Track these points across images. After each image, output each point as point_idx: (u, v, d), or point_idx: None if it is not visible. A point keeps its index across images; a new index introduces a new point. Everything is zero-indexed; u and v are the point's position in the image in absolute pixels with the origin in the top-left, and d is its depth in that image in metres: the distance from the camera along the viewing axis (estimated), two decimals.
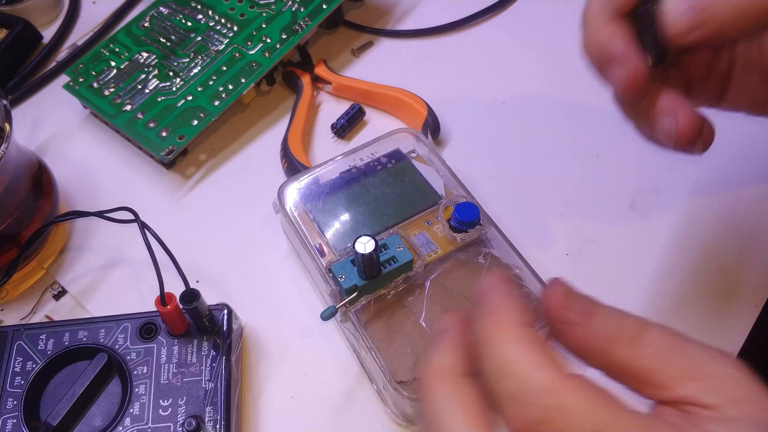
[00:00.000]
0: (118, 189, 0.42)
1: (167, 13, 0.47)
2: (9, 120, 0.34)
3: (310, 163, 0.40)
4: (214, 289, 0.37)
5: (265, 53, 0.43)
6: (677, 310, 0.35)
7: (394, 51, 0.47)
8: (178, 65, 0.44)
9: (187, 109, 0.41)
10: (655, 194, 0.39)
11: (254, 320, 0.36)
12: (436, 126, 0.41)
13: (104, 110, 0.42)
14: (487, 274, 0.25)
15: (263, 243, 0.39)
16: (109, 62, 0.44)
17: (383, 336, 0.31)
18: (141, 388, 0.31)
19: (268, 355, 0.35)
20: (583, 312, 0.22)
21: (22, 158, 0.37)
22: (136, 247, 0.38)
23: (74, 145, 0.44)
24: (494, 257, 0.33)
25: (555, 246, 0.38)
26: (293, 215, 0.34)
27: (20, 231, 0.36)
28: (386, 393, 0.31)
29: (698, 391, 0.20)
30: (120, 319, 0.33)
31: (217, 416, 0.30)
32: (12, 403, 0.30)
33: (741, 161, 0.40)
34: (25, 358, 0.32)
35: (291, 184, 0.35)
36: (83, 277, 0.38)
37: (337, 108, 0.44)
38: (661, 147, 0.26)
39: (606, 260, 0.37)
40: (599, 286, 0.36)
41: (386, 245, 0.31)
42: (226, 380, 0.31)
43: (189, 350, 0.32)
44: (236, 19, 0.45)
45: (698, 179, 0.40)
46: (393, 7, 0.50)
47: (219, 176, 0.42)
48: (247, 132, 0.44)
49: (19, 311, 0.37)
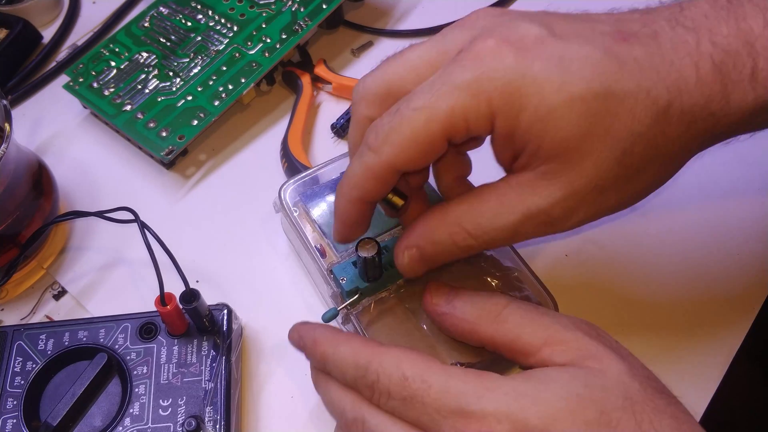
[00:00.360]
0: (118, 189, 0.42)
1: (167, 13, 0.47)
2: (9, 120, 0.34)
3: (310, 162, 0.40)
4: (214, 289, 0.37)
5: (265, 53, 0.43)
6: (676, 311, 0.35)
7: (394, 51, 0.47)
8: (178, 65, 0.44)
9: (187, 109, 0.41)
10: (654, 195, 0.39)
11: (254, 320, 0.36)
12: None
13: (104, 110, 0.42)
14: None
15: (263, 243, 0.39)
16: (109, 62, 0.44)
17: (384, 338, 0.31)
18: (141, 388, 0.31)
19: (268, 355, 0.35)
20: (447, 303, 0.28)
21: (22, 158, 0.37)
22: (136, 247, 0.38)
23: (74, 145, 0.44)
24: (495, 260, 0.33)
25: (554, 247, 0.38)
26: (294, 215, 0.34)
27: (20, 231, 0.36)
28: None
29: (551, 355, 0.24)
30: (120, 319, 0.33)
31: (217, 416, 0.30)
32: (12, 403, 0.30)
33: (740, 164, 0.40)
34: (25, 358, 0.32)
35: (292, 184, 0.35)
36: (83, 277, 0.38)
37: (337, 108, 0.44)
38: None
39: (605, 261, 0.37)
40: (598, 287, 0.36)
41: (388, 247, 0.31)
42: (226, 380, 0.31)
43: (189, 350, 0.32)
44: (236, 19, 0.45)
45: (698, 181, 0.40)
46: (393, 7, 0.50)
47: (219, 176, 0.42)
48: (247, 132, 0.44)
49: (19, 311, 0.37)
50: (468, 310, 0.27)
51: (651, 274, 0.36)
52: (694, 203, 0.39)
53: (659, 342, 0.34)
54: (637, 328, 0.35)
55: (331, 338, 0.27)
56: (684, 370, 0.33)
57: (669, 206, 0.39)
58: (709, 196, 0.39)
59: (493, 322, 0.26)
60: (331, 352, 0.26)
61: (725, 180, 0.40)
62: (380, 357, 0.25)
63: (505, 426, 0.22)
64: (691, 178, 0.40)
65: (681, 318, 0.35)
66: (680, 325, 0.35)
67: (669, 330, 0.35)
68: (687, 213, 0.39)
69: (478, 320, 0.27)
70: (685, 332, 0.35)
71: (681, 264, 0.37)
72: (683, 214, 0.39)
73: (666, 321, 0.35)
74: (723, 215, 0.38)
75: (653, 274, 0.36)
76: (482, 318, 0.26)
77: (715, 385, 0.33)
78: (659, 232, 0.38)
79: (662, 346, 0.34)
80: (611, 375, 0.23)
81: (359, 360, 0.25)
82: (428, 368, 0.24)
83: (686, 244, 0.37)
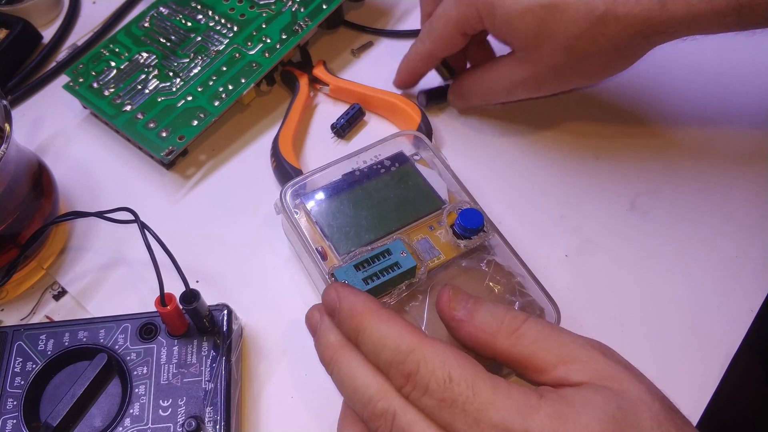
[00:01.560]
0: (118, 189, 0.42)
1: (167, 13, 0.47)
2: (9, 120, 0.34)
3: (299, 163, 0.40)
4: (214, 290, 0.37)
5: (265, 53, 0.43)
6: (675, 312, 0.35)
7: (394, 51, 0.47)
8: (178, 65, 0.44)
9: (187, 110, 0.41)
10: (654, 196, 0.39)
11: (254, 321, 0.36)
12: (429, 132, 0.41)
13: (104, 110, 0.42)
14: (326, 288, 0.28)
15: (264, 244, 0.39)
16: (109, 62, 0.44)
17: None
18: (141, 389, 0.31)
19: (268, 355, 0.35)
20: (467, 310, 0.27)
21: (22, 158, 0.37)
22: (136, 247, 0.38)
23: (74, 146, 0.44)
24: (497, 264, 0.33)
25: (554, 247, 0.38)
26: (295, 217, 0.34)
27: (20, 231, 0.36)
28: None
29: (568, 373, 0.24)
30: (120, 320, 0.33)
31: (217, 417, 0.30)
32: (12, 404, 0.30)
33: (739, 164, 0.40)
34: (25, 359, 0.32)
35: (293, 186, 0.35)
36: (83, 278, 0.38)
37: (335, 110, 0.44)
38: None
39: (605, 261, 0.37)
40: (598, 287, 0.36)
41: (389, 250, 0.31)
42: (226, 381, 0.31)
43: (189, 351, 0.32)
44: (236, 20, 0.45)
45: (697, 181, 0.40)
46: (393, 7, 0.50)
47: (219, 177, 0.42)
48: (248, 132, 0.44)
49: (19, 311, 0.37)
50: (487, 321, 0.26)
51: (651, 274, 0.36)
52: (693, 205, 0.39)
53: (659, 342, 0.34)
54: (636, 328, 0.35)
55: (374, 311, 0.25)
56: (684, 370, 0.33)
57: (668, 207, 0.39)
58: (709, 198, 0.39)
59: (511, 335, 0.25)
60: (370, 326, 0.25)
61: (725, 179, 0.40)
62: (425, 348, 0.24)
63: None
64: (690, 179, 0.40)
65: (678, 319, 0.35)
66: (678, 327, 0.35)
67: (668, 330, 0.35)
68: (687, 213, 0.39)
69: (497, 333, 0.26)
70: (683, 334, 0.35)
71: (681, 264, 0.37)
72: (682, 216, 0.39)
73: (663, 322, 0.35)
74: (722, 217, 0.38)
75: (653, 274, 0.36)
76: (501, 331, 0.26)
77: (715, 385, 0.33)
78: (658, 233, 0.38)
79: (662, 346, 0.34)
80: (633, 396, 0.23)
81: (401, 345, 0.24)
82: (475, 374, 0.23)
83: (685, 246, 0.37)
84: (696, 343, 0.34)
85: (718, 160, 0.40)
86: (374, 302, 0.26)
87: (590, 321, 0.35)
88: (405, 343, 0.24)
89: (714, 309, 0.35)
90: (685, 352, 0.34)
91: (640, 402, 0.23)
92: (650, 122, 0.43)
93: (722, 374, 0.33)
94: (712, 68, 0.45)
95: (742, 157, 0.40)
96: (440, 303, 0.28)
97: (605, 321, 0.35)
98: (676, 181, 0.40)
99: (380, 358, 0.24)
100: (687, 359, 0.34)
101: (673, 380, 0.33)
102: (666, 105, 0.44)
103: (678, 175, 0.40)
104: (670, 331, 0.35)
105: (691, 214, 0.39)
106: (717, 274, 0.36)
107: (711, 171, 0.40)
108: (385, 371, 0.24)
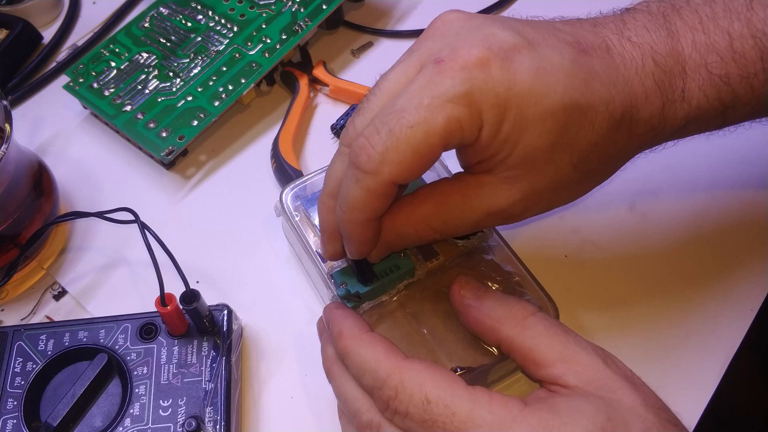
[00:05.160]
0: (118, 189, 0.42)
1: (167, 13, 0.47)
2: (9, 120, 0.34)
3: (299, 164, 0.40)
4: (214, 290, 0.37)
5: (265, 54, 0.43)
6: (674, 312, 0.35)
7: (394, 51, 0.47)
8: (178, 66, 0.44)
9: (187, 110, 0.41)
10: (653, 196, 0.39)
11: (254, 321, 0.36)
12: None
13: (104, 111, 0.42)
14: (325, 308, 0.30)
15: (264, 244, 0.39)
16: (109, 63, 0.44)
17: None
18: (141, 389, 0.31)
19: (268, 355, 0.35)
20: (476, 297, 0.28)
21: (22, 159, 0.37)
22: (136, 247, 0.38)
23: (74, 146, 0.44)
24: (495, 264, 0.33)
25: (554, 247, 0.38)
26: (295, 220, 0.34)
27: (20, 231, 0.36)
28: None
29: (565, 373, 0.24)
30: (120, 320, 0.33)
31: (217, 417, 0.30)
32: (12, 404, 0.31)
33: (738, 164, 0.40)
34: (26, 359, 0.32)
35: (293, 188, 0.35)
36: (83, 278, 0.38)
37: (334, 110, 0.44)
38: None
39: (605, 262, 0.37)
40: (598, 287, 0.36)
41: None
42: (226, 381, 0.31)
43: (189, 351, 0.32)
44: (236, 20, 0.45)
45: (696, 181, 0.40)
46: (393, 7, 0.50)
47: (219, 177, 0.42)
48: (248, 133, 0.44)
49: (19, 311, 0.37)
50: (495, 308, 0.27)
51: (650, 274, 0.36)
52: (692, 205, 0.39)
53: (659, 342, 0.34)
54: (636, 328, 0.35)
55: (356, 336, 0.26)
56: (684, 370, 0.33)
57: (668, 207, 0.39)
58: (709, 196, 0.39)
59: (517, 325, 0.26)
60: (352, 351, 0.26)
61: (723, 182, 0.40)
62: (402, 373, 0.24)
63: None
64: (689, 179, 0.40)
65: (678, 319, 0.35)
66: (677, 327, 0.35)
67: (668, 330, 0.35)
68: (686, 213, 0.39)
69: (503, 320, 0.27)
70: (682, 334, 0.35)
71: (680, 264, 0.37)
72: (682, 216, 0.39)
73: (663, 323, 0.35)
74: (721, 217, 0.38)
75: (652, 274, 0.36)
76: (507, 319, 0.26)
77: (715, 385, 0.33)
78: (658, 233, 0.38)
79: (662, 346, 0.34)
80: (626, 406, 0.23)
81: (379, 371, 0.25)
82: (453, 393, 0.23)
83: (684, 246, 0.37)
84: (696, 343, 0.34)
85: (718, 161, 0.40)
86: (359, 327, 0.27)
87: (590, 321, 0.35)
88: (382, 369, 0.25)
89: (714, 309, 0.35)
90: (685, 352, 0.34)
91: (632, 413, 0.23)
92: None
93: (722, 374, 0.33)
94: None
95: (741, 157, 0.40)
96: (452, 290, 0.29)
97: (605, 321, 0.35)
98: (676, 181, 0.40)
99: (362, 382, 0.26)
100: (687, 359, 0.34)
101: (673, 380, 0.33)
102: None
103: (678, 175, 0.40)
104: (669, 331, 0.35)
105: (691, 214, 0.39)
106: (717, 274, 0.36)
107: (710, 171, 0.40)
108: (369, 393, 0.26)
